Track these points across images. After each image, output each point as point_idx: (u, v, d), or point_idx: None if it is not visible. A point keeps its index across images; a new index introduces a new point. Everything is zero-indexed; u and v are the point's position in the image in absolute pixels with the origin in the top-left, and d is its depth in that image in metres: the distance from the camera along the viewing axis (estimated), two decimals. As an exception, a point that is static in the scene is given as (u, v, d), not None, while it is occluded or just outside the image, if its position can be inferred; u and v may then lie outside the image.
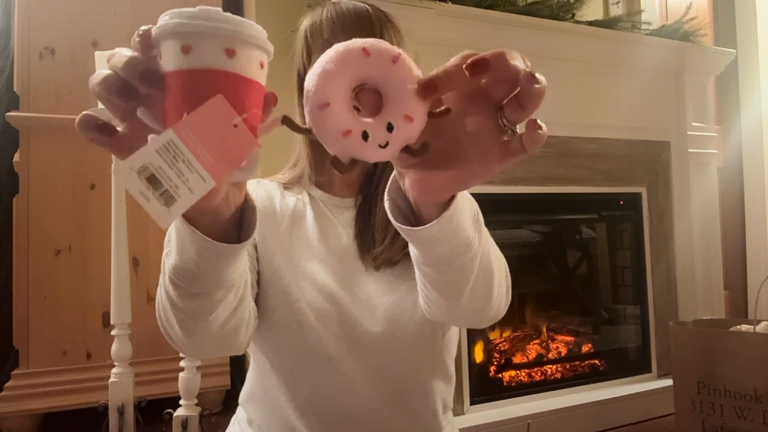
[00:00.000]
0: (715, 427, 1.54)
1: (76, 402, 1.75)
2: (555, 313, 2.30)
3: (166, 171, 0.34)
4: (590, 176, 2.20)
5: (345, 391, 0.72)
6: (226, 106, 0.34)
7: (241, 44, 0.35)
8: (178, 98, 0.34)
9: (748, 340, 1.50)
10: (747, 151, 2.96)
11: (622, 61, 2.24)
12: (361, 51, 0.36)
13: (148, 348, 1.78)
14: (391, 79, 0.37)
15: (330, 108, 0.35)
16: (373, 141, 0.36)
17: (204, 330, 0.54)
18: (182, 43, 0.34)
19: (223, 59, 0.34)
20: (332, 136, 0.35)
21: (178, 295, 0.51)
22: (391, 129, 0.36)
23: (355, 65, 0.36)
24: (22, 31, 1.80)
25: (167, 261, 0.51)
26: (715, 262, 2.42)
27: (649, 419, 2.12)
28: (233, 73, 0.34)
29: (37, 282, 1.78)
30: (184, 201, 0.34)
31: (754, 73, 2.94)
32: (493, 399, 1.97)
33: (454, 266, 0.51)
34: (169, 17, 0.35)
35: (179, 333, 0.55)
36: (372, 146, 0.36)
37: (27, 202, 1.78)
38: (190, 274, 0.48)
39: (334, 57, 0.36)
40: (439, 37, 1.85)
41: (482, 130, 0.39)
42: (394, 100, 0.37)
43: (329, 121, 0.35)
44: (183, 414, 1.49)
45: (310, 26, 0.77)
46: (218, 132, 0.34)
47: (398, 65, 0.37)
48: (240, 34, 0.35)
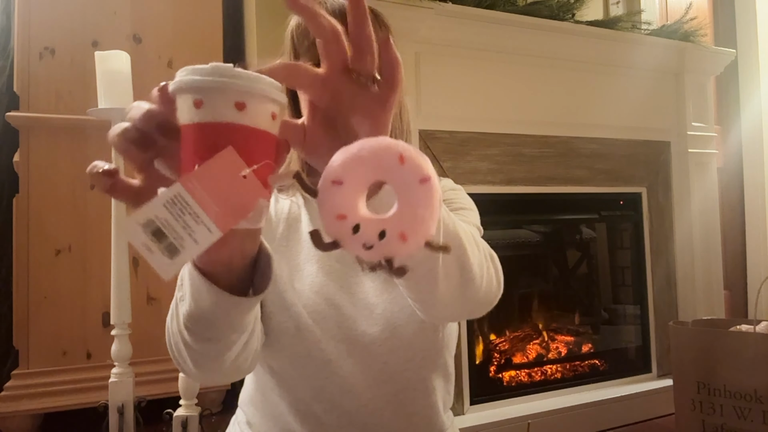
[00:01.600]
0: (715, 427, 1.54)
1: (76, 402, 1.75)
2: (555, 313, 2.30)
3: (171, 224, 0.35)
4: (590, 176, 2.20)
5: (346, 393, 0.72)
6: (234, 158, 0.35)
7: (251, 98, 0.36)
8: (190, 150, 0.36)
9: (748, 340, 1.50)
10: (747, 151, 2.96)
11: (622, 61, 2.24)
12: (398, 155, 0.36)
13: (148, 348, 1.78)
14: (410, 195, 0.36)
15: (340, 188, 0.35)
16: (360, 237, 0.36)
17: (218, 367, 0.56)
18: (195, 98, 0.36)
19: (233, 113, 0.35)
20: (328, 213, 0.36)
21: (194, 340, 0.52)
22: (382, 236, 0.36)
23: (386, 164, 0.36)
24: (22, 31, 1.80)
25: (181, 306, 0.52)
26: (715, 262, 2.42)
27: (649, 419, 2.12)
28: (242, 126, 0.36)
29: (37, 282, 1.78)
30: (188, 252, 0.35)
31: (754, 73, 2.94)
32: (493, 399, 1.97)
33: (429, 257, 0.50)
34: (185, 73, 0.36)
35: (191, 368, 0.57)
36: (357, 241, 0.36)
37: (27, 202, 1.78)
38: (205, 321, 0.50)
39: (371, 147, 0.36)
40: (439, 37, 1.85)
41: (354, 96, 0.41)
42: (401, 214, 0.36)
43: (332, 199, 0.35)
44: (183, 414, 1.49)
45: (296, 27, 0.75)
46: (226, 183, 0.35)
47: (424, 187, 0.36)
48: (250, 88, 0.36)
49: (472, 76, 1.97)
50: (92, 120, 1.63)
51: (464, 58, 1.95)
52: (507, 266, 0.65)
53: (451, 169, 1.89)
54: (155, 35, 1.96)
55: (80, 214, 1.84)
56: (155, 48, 1.95)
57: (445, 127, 1.89)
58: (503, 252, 2.14)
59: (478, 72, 1.98)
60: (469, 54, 1.96)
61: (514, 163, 2.04)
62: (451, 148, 1.91)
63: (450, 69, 1.92)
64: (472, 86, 1.97)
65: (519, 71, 2.06)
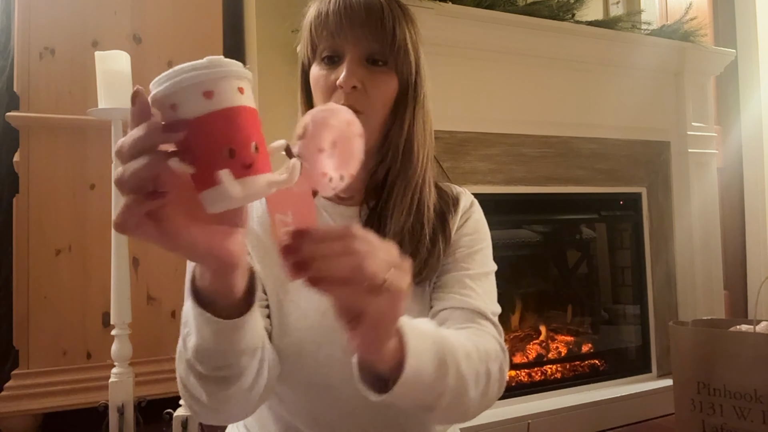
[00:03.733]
0: (715, 427, 1.54)
1: (76, 402, 1.75)
2: (555, 313, 2.30)
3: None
4: (590, 176, 2.20)
5: (345, 417, 0.70)
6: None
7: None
8: (212, 138, 0.38)
9: (748, 340, 1.50)
10: (747, 151, 2.96)
11: (622, 61, 2.24)
12: (346, 123, 0.50)
13: (148, 348, 1.78)
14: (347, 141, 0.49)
15: (323, 154, 0.46)
16: (331, 183, 0.47)
17: (233, 395, 0.56)
18: (204, 90, 0.38)
19: (239, 96, 0.39)
20: (316, 173, 0.46)
21: (206, 369, 0.53)
22: (342, 179, 0.48)
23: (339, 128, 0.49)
24: (22, 31, 1.81)
25: (188, 341, 0.53)
26: (715, 262, 2.42)
27: (649, 419, 2.12)
28: (247, 107, 0.39)
29: (37, 282, 1.78)
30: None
31: (754, 73, 2.94)
32: (493, 399, 1.97)
33: (418, 405, 0.55)
34: (178, 72, 0.39)
35: (207, 404, 0.57)
36: (329, 186, 0.47)
37: (27, 202, 1.78)
38: (212, 351, 0.52)
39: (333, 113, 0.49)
40: (439, 37, 1.85)
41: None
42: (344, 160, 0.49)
43: (318, 162, 0.46)
44: (183, 414, 1.49)
45: (315, 17, 0.71)
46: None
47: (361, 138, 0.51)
48: (242, 72, 0.39)
49: (472, 76, 1.97)
50: (92, 120, 1.64)
51: (464, 58, 1.95)
52: (507, 266, 0.65)
53: (451, 169, 1.89)
54: (155, 35, 1.96)
55: (80, 214, 1.84)
56: (155, 48, 1.95)
57: (445, 127, 1.89)
58: (503, 252, 2.15)
59: (477, 72, 1.98)
60: (469, 54, 1.96)
61: (514, 163, 2.04)
62: (451, 148, 1.91)
63: (450, 69, 1.92)
64: (472, 86, 1.97)
65: (519, 71, 2.06)
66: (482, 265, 0.75)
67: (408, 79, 0.72)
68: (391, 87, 0.71)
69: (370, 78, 0.69)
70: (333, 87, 0.69)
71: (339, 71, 0.69)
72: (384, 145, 0.72)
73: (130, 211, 0.37)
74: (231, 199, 0.38)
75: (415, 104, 0.73)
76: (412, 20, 0.75)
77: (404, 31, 0.71)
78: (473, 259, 0.74)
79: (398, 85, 0.72)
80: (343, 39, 0.69)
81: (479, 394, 0.61)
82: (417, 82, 0.73)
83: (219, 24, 2.04)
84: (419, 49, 0.74)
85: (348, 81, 0.67)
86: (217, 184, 0.37)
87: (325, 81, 0.70)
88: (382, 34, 0.69)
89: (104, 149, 1.73)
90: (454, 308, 0.70)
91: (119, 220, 0.38)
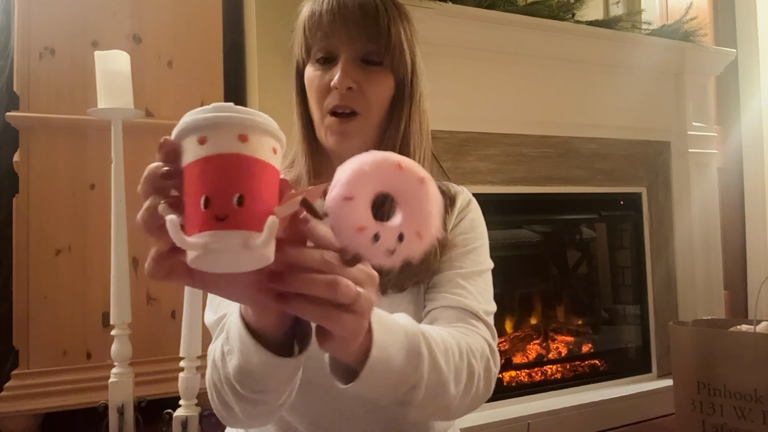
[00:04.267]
0: (716, 427, 1.54)
1: (75, 402, 1.75)
2: (555, 313, 2.30)
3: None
4: (590, 176, 2.20)
5: (345, 419, 0.70)
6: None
7: (253, 130, 0.37)
8: (196, 185, 0.36)
9: (748, 340, 1.50)
10: (747, 150, 2.96)
11: (622, 60, 2.24)
12: (396, 164, 0.40)
13: (148, 348, 1.78)
14: (414, 196, 0.40)
15: (353, 202, 0.38)
16: (382, 244, 0.38)
17: (267, 412, 0.56)
18: (199, 136, 0.36)
19: (238, 144, 0.36)
20: (347, 228, 0.38)
21: (245, 391, 0.52)
22: (401, 239, 0.39)
23: (387, 174, 0.39)
24: (22, 30, 1.80)
25: (229, 359, 0.52)
26: (715, 262, 2.42)
27: (649, 419, 2.12)
28: (248, 156, 0.36)
29: (37, 282, 1.78)
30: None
31: (754, 72, 2.94)
32: (493, 399, 1.94)
33: (390, 397, 0.54)
34: (187, 116, 0.37)
35: (240, 416, 0.56)
36: (379, 248, 0.38)
37: (27, 202, 1.78)
38: (255, 377, 0.50)
39: (371, 160, 0.39)
40: (439, 37, 1.85)
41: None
42: (412, 216, 0.40)
43: (349, 214, 0.38)
44: (183, 414, 1.49)
45: (309, 17, 0.70)
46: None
47: (424, 187, 0.40)
48: (251, 121, 0.37)
49: (472, 76, 1.97)
50: (92, 120, 1.63)
51: (464, 58, 1.95)
52: (507, 266, 0.65)
53: (451, 169, 1.89)
54: (155, 35, 1.95)
55: (80, 214, 1.83)
56: (155, 48, 1.95)
57: (445, 127, 1.89)
58: (503, 252, 2.16)
59: (478, 72, 1.98)
60: (469, 54, 1.96)
61: (514, 163, 2.04)
62: (451, 148, 1.91)
63: (450, 69, 1.92)
64: (472, 86, 1.97)
65: (519, 71, 2.06)
66: (476, 264, 0.74)
67: (404, 79, 0.72)
68: (387, 86, 0.70)
69: (365, 78, 0.69)
70: (328, 88, 0.69)
71: (334, 72, 0.68)
72: (380, 145, 0.71)
73: (156, 263, 0.36)
74: (193, 253, 0.34)
75: (411, 104, 0.72)
76: (407, 19, 0.73)
77: (399, 30, 0.70)
78: (467, 258, 0.73)
79: (394, 84, 0.71)
80: (337, 39, 0.68)
81: (461, 392, 0.59)
82: (413, 82, 0.73)
83: (219, 24, 2.04)
84: (415, 48, 0.74)
85: (343, 82, 0.67)
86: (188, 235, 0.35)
87: (319, 82, 0.69)
88: (377, 33, 0.68)
89: (104, 149, 1.72)
90: (444, 307, 0.69)
91: (149, 269, 0.37)
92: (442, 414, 0.62)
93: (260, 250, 0.35)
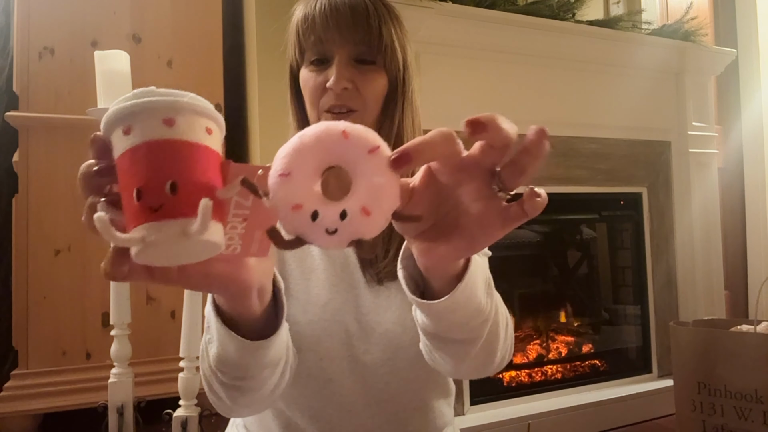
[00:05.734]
0: (716, 427, 1.54)
1: (75, 402, 1.74)
2: (555, 313, 2.30)
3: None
4: (590, 176, 2.20)
5: (344, 412, 0.70)
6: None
7: (179, 112, 0.34)
8: (127, 177, 0.34)
9: (748, 341, 1.49)
10: (748, 150, 2.96)
11: (622, 60, 2.23)
12: (341, 133, 0.36)
13: (148, 348, 1.78)
14: (362, 168, 0.36)
15: (289, 178, 0.34)
16: (321, 223, 0.34)
17: (257, 399, 0.57)
18: (123, 126, 0.34)
19: (163, 129, 0.33)
20: (282, 206, 0.35)
21: (227, 378, 0.53)
22: (343, 217, 0.35)
23: (330, 145, 0.36)
24: (22, 30, 1.80)
25: (210, 348, 0.53)
26: (715, 262, 2.42)
27: (649, 420, 2.11)
28: (174, 140, 0.33)
29: (36, 282, 1.78)
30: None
31: (754, 72, 2.93)
32: (493, 399, 1.96)
33: (465, 331, 0.51)
34: (109, 109, 0.35)
35: (229, 403, 0.57)
36: (318, 228, 0.35)
37: (26, 201, 1.78)
38: (234, 363, 0.51)
39: (313, 132, 0.36)
40: (439, 37, 1.85)
41: (478, 198, 0.39)
42: (357, 190, 0.36)
43: (283, 191, 0.34)
44: (182, 414, 1.49)
45: (302, 20, 0.71)
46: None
47: (373, 156, 0.36)
48: (175, 102, 0.34)
49: (472, 76, 1.97)
50: (92, 120, 1.63)
51: (464, 58, 1.95)
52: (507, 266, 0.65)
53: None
54: (155, 35, 1.95)
55: (80, 214, 1.80)
56: (155, 48, 1.95)
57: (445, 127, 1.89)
58: (503, 252, 2.15)
59: (478, 72, 1.98)
60: (469, 54, 1.96)
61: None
62: (451, 148, 1.91)
63: (450, 69, 1.92)
64: (472, 86, 1.96)
65: (519, 71, 2.06)
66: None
67: (396, 77, 0.73)
68: (381, 84, 0.72)
69: (360, 77, 0.70)
70: (323, 88, 0.70)
71: (329, 73, 0.69)
72: None
73: (113, 264, 0.35)
74: (135, 249, 0.33)
75: (404, 100, 0.74)
76: (397, 18, 0.74)
77: (390, 30, 0.72)
78: None
79: (387, 82, 0.72)
80: (330, 42, 0.70)
81: (504, 340, 0.59)
82: (405, 79, 0.74)
83: (219, 23, 2.04)
84: (406, 46, 0.75)
85: (338, 83, 0.68)
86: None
87: (314, 83, 0.71)
88: (368, 34, 0.69)
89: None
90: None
91: (107, 271, 0.35)
92: (489, 362, 0.59)
93: (200, 236, 0.32)
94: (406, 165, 0.36)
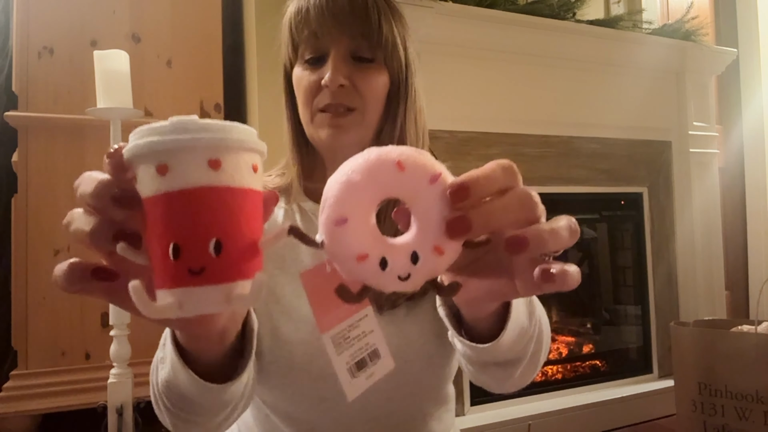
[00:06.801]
0: (717, 427, 1.53)
1: (74, 403, 1.74)
2: (556, 313, 2.29)
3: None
4: (591, 176, 2.20)
5: (341, 429, 0.67)
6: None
7: (226, 151, 0.29)
8: (160, 228, 0.29)
9: (749, 341, 1.49)
10: (748, 150, 2.95)
11: (623, 60, 2.23)
12: (394, 165, 0.31)
13: (147, 349, 1.77)
14: (425, 201, 0.32)
15: (347, 225, 0.30)
16: (391, 271, 0.31)
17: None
18: (157, 164, 0.29)
19: (208, 173, 0.29)
20: (345, 259, 0.31)
21: (172, 407, 0.49)
22: (415, 260, 0.31)
23: (385, 180, 0.31)
24: (21, 30, 1.80)
25: (161, 369, 0.47)
26: (716, 262, 2.42)
27: (650, 420, 2.11)
28: (220, 187, 0.29)
29: (36, 282, 1.77)
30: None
31: (755, 72, 2.93)
32: (493, 400, 1.96)
33: (509, 354, 0.51)
34: (140, 135, 0.30)
35: (171, 429, 0.53)
36: (389, 276, 0.31)
37: (26, 201, 1.78)
38: (181, 395, 0.46)
39: (362, 167, 0.31)
40: (439, 36, 1.85)
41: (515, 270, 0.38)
42: (425, 227, 0.32)
43: (344, 241, 0.30)
44: (182, 415, 1.49)
45: (295, 14, 0.66)
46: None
47: (435, 186, 0.32)
48: (223, 141, 0.29)
49: (473, 75, 1.97)
50: (91, 119, 1.63)
51: (464, 58, 1.94)
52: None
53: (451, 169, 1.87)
54: (154, 34, 1.95)
55: (79, 214, 1.83)
56: (154, 47, 1.94)
57: (446, 127, 1.88)
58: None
59: (478, 71, 1.98)
60: (470, 53, 1.95)
61: (515, 163, 2.03)
62: (452, 147, 1.91)
63: (450, 68, 1.91)
64: (473, 86, 1.96)
65: (519, 71, 2.06)
66: None
67: (398, 75, 0.68)
68: (381, 82, 0.67)
69: (358, 74, 0.65)
70: (318, 86, 0.65)
71: (324, 71, 0.64)
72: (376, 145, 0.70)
73: (68, 281, 0.31)
74: (161, 313, 0.29)
75: (407, 101, 0.69)
76: (398, 14, 0.69)
77: (391, 25, 0.66)
78: None
79: (389, 81, 0.68)
80: (326, 35, 0.64)
81: (547, 345, 0.58)
82: (407, 79, 0.69)
83: (218, 23, 2.03)
84: (408, 44, 0.70)
85: (334, 79, 0.63)
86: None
87: (308, 81, 0.66)
88: (368, 28, 0.64)
89: (103, 149, 1.70)
90: None
91: (59, 285, 0.31)
92: (532, 374, 0.58)
93: (245, 302, 0.29)
94: (465, 200, 0.32)
